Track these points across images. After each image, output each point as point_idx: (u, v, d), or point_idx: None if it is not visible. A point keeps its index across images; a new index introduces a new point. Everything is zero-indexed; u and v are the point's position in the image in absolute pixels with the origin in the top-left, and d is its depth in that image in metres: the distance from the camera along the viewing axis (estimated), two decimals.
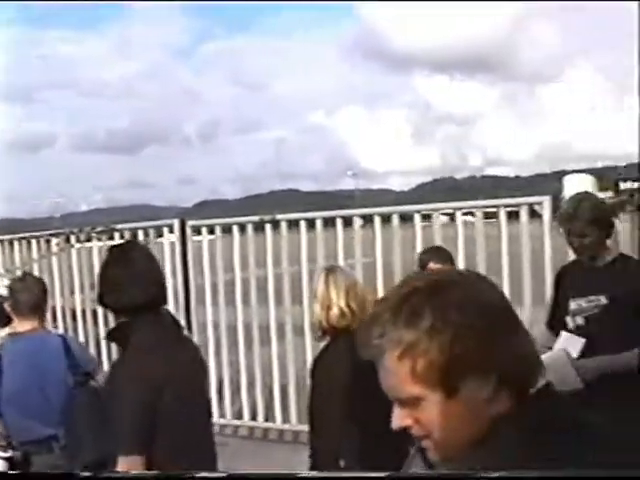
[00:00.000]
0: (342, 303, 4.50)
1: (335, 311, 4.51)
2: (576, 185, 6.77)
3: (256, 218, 9.55)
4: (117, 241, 9.90)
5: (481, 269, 7.92)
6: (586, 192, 5.56)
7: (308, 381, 4.77)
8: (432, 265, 5.82)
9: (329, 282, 4.60)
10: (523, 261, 7.92)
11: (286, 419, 9.42)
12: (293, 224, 9.33)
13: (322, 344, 4.72)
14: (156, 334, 3.84)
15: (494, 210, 8.15)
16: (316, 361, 4.74)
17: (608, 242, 5.20)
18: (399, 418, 1.74)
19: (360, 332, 1.77)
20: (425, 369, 1.65)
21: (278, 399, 9.51)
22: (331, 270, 4.73)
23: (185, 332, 5.11)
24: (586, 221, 4.96)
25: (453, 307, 1.65)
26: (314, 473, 4.13)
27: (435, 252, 6.14)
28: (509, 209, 8.05)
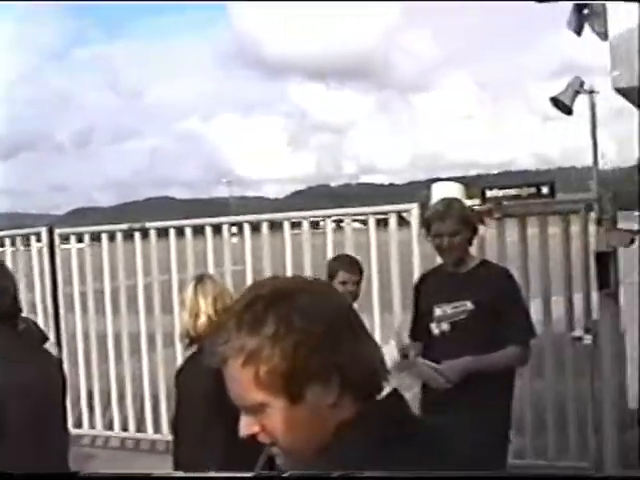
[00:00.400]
0: (210, 311, 4.47)
1: (203, 320, 4.48)
2: (444, 192, 6.87)
3: (125, 226, 9.43)
4: None
5: None
6: (454, 197, 5.70)
7: None
8: (342, 274, 5.87)
9: (197, 290, 4.58)
10: (392, 268, 8.01)
11: (157, 429, 9.32)
12: (163, 232, 9.24)
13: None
14: (5, 345, 3.75)
15: (364, 218, 8.22)
16: (181, 370, 4.71)
17: (471, 249, 5.32)
18: (246, 426, 1.74)
19: (207, 340, 1.76)
20: (268, 376, 1.65)
21: (149, 409, 9.40)
22: (200, 278, 4.73)
23: (51, 342, 5.02)
24: (456, 219, 5.08)
25: (297, 314, 1.66)
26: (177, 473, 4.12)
27: (345, 260, 6.17)
28: (378, 217, 8.13)
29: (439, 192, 7.21)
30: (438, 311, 5.14)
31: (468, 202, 6.88)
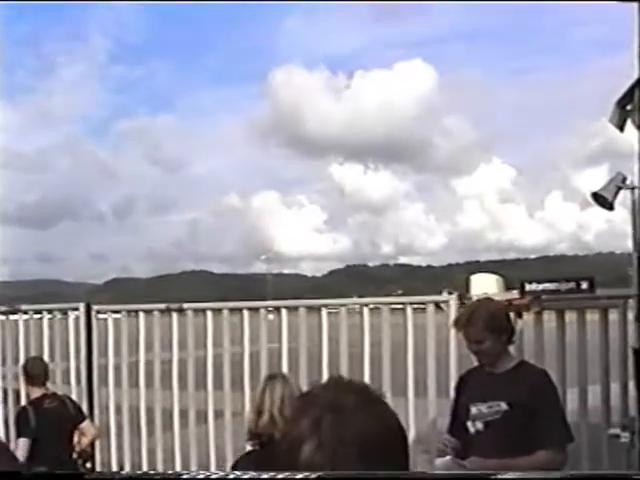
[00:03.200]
0: (274, 411, 4.52)
1: (265, 418, 4.53)
2: (482, 285, 6.87)
3: (162, 306, 9.45)
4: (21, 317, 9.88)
5: (386, 358, 7.99)
6: (486, 297, 5.65)
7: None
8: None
9: (266, 389, 4.69)
10: (428, 351, 7.99)
11: None
12: (200, 310, 9.24)
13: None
14: None
15: (401, 307, 8.19)
16: (235, 464, 4.80)
17: (510, 349, 5.27)
18: None
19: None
20: None
21: None
22: (271, 377, 4.87)
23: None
24: (481, 327, 5.06)
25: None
26: None
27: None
28: (416, 306, 8.11)
29: (477, 284, 7.19)
30: (474, 410, 5.13)
31: (506, 295, 6.86)
